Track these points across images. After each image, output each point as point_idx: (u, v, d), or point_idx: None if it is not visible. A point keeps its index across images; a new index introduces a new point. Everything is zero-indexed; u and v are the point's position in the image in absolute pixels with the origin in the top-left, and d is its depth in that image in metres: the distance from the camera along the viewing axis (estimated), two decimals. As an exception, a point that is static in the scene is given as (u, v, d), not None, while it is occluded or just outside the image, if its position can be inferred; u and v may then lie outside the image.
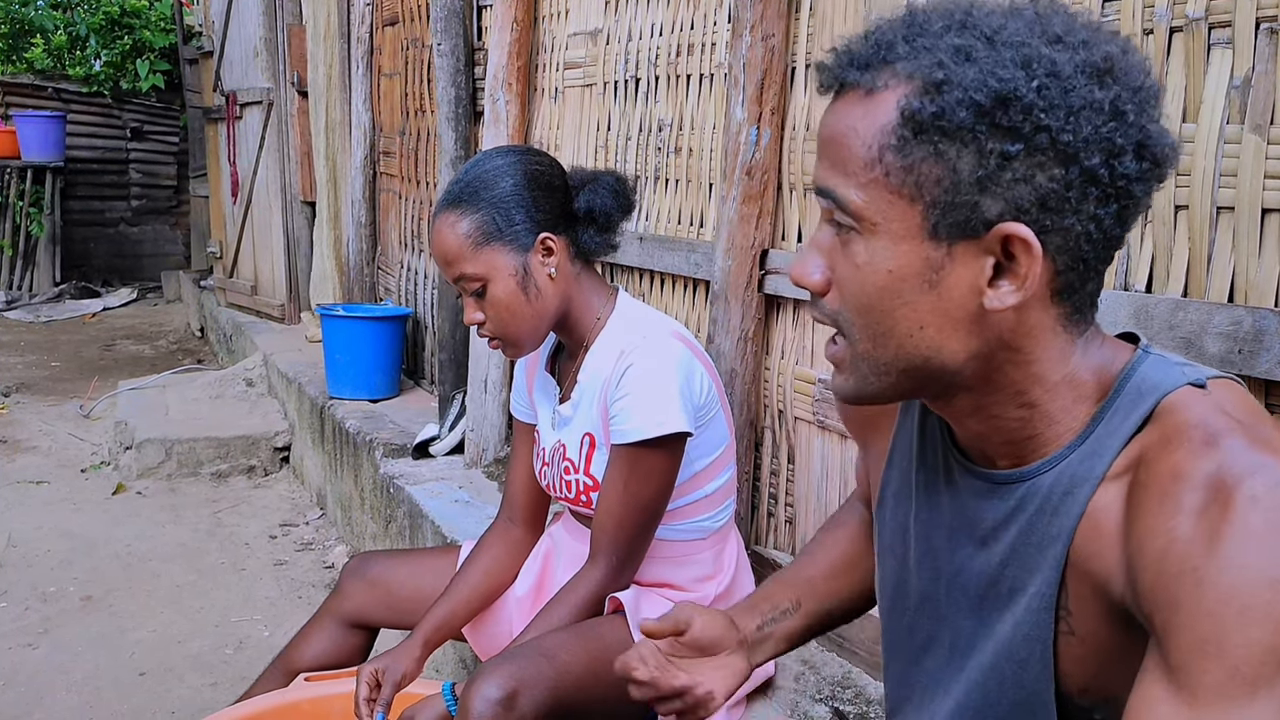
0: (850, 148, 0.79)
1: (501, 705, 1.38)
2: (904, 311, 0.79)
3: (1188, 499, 0.72)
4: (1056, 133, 0.74)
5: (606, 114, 2.66)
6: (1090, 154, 0.75)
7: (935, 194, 0.76)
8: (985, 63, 0.75)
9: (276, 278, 5.72)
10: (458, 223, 1.58)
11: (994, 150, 0.74)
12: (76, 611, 3.05)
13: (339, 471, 3.69)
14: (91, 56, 9.02)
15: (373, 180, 4.44)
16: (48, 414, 5.14)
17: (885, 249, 0.79)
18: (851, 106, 0.80)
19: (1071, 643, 0.81)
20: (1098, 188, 0.76)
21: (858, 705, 1.77)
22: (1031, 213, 0.76)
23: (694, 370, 1.61)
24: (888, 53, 0.78)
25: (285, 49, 5.34)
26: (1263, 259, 1.27)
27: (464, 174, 1.63)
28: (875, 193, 0.78)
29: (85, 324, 7.79)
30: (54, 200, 8.55)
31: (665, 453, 1.57)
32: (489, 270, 1.58)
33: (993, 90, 0.74)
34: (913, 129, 0.76)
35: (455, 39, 3.27)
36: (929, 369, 0.81)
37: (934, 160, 0.76)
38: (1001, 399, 0.83)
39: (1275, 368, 1.22)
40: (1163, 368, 0.81)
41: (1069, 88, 0.74)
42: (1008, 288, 0.78)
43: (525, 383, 1.83)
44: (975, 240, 0.77)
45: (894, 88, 0.77)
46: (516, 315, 1.61)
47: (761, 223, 2.06)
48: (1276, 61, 1.24)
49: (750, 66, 2.01)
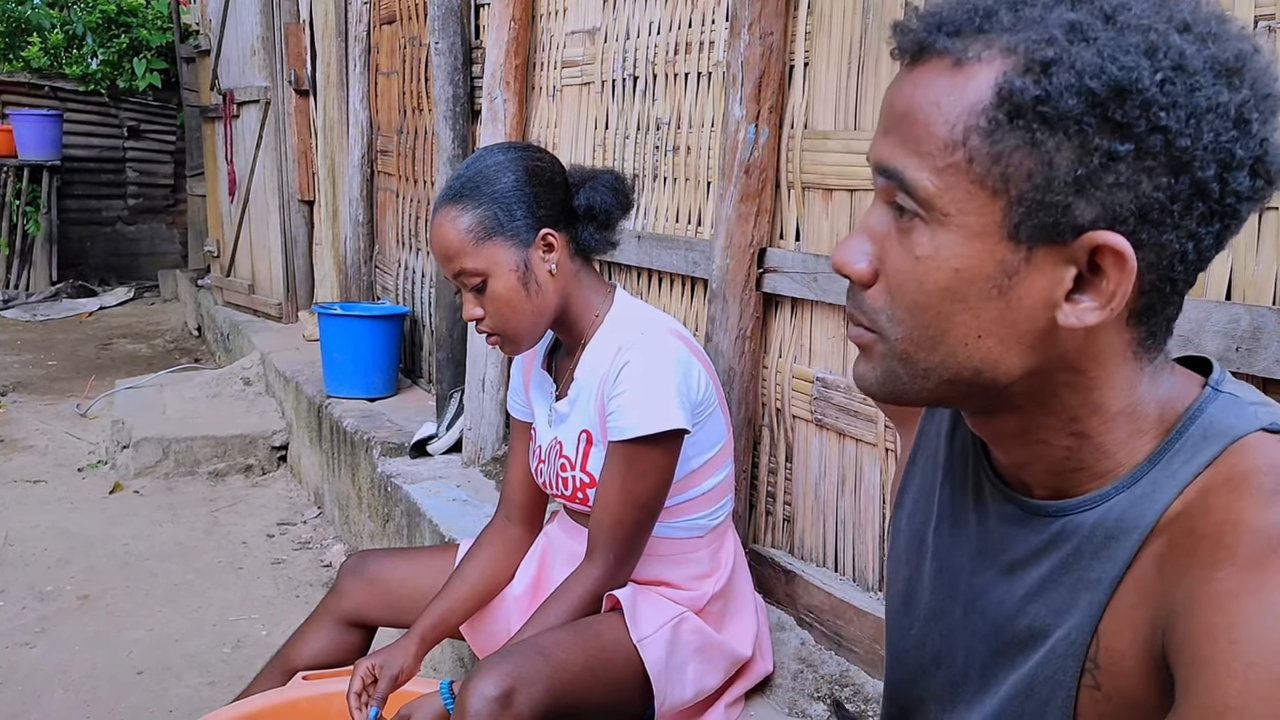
0: (928, 124, 0.69)
1: (498, 703, 1.38)
2: (964, 317, 0.70)
3: (1243, 549, 0.64)
4: (1174, 136, 0.65)
5: (604, 112, 2.66)
6: (1206, 164, 0.65)
7: (1024, 189, 0.67)
8: (1105, 45, 0.65)
9: (274, 277, 5.71)
10: (459, 217, 1.58)
11: (1100, 147, 0.65)
12: (73, 610, 3.04)
13: (337, 470, 3.68)
14: (88, 55, 9.00)
15: (370, 179, 4.44)
16: (45, 413, 5.13)
17: (954, 244, 0.69)
18: (935, 77, 0.69)
19: (1095, 699, 0.74)
20: (1205, 203, 0.67)
21: (855, 703, 1.77)
22: (1129, 223, 0.67)
23: (692, 367, 1.61)
24: (987, 21, 0.68)
25: (283, 48, 5.34)
26: (1260, 257, 1.27)
27: (465, 169, 1.63)
28: (953, 179, 0.68)
29: (82, 323, 7.78)
30: (50, 199, 8.54)
31: (663, 449, 1.57)
32: (490, 265, 1.58)
33: (1111, 78, 0.64)
34: (1009, 112, 0.66)
35: (453, 37, 3.27)
36: (977, 383, 0.73)
37: (1028, 150, 0.66)
38: (1052, 425, 0.75)
39: (1273, 366, 1.22)
40: (1235, 409, 0.72)
41: (1195, 85, 0.65)
42: (1089, 304, 0.69)
43: (522, 380, 1.83)
44: (1060, 247, 0.68)
45: (991, 62, 0.67)
46: (517, 311, 1.60)
47: (760, 221, 2.06)
48: (1275, 58, 1.24)
49: (748, 64, 2.01)
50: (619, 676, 1.53)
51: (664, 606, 1.64)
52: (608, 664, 1.52)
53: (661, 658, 1.56)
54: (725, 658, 1.68)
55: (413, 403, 3.83)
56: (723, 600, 1.72)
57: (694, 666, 1.62)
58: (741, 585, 1.77)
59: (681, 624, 1.62)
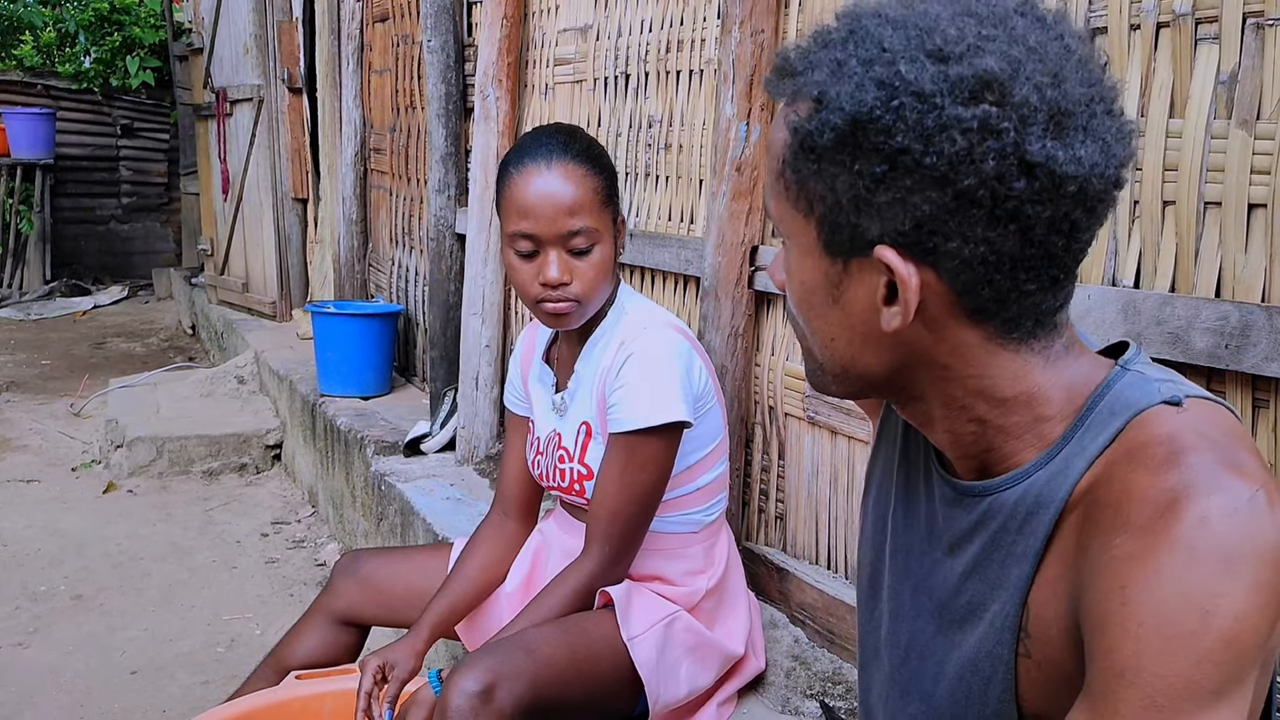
0: (770, 159, 0.80)
1: (479, 698, 1.37)
2: (818, 323, 0.81)
3: (1135, 516, 0.68)
4: (919, 155, 0.70)
5: (597, 110, 2.66)
6: (962, 176, 0.70)
7: (821, 211, 0.76)
8: (851, 82, 0.72)
9: (268, 275, 5.70)
10: (590, 176, 1.59)
11: (863, 171, 0.73)
12: (67, 610, 3.04)
13: (330, 469, 3.68)
14: (81, 53, 8.99)
15: (363, 177, 4.43)
16: (38, 412, 5.12)
17: (796, 260, 0.80)
18: (777, 117, 0.80)
19: (1029, 666, 0.78)
20: (980, 209, 0.71)
21: (848, 700, 1.78)
22: (910, 234, 0.73)
23: (693, 361, 1.63)
24: (791, 70, 0.78)
25: (275, 45, 5.33)
26: (1249, 254, 1.27)
27: (573, 135, 1.64)
28: (782, 205, 0.79)
29: (76, 322, 7.76)
30: (44, 198, 8.52)
31: (663, 442, 1.57)
32: (605, 229, 1.61)
33: (849, 114, 0.72)
34: (797, 147, 0.76)
35: (445, 35, 3.27)
36: (854, 377, 0.82)
37: (816, 179, 0.76)
38: (949, 413, 0.81)
39: (1262, 363, 1.23)
40: (1140, 385, 0.77)
41: (929, 108, 0.70)
42: (895, 309, 0.75)
43: (520, 373, 1.83)
44: (867, 259, 0.75)
45: (794, 103, 0.77)
46: (604, 278, 1.62)
47: (752, 219, 2.06)
48: (1263, 57, 1.25)
49: (740, 62, 2.01)
50: (605, 673, 1.53)
51: (656, 605, 1.64)
52: (594, 660, 1.52)
53: (653, 657, 1.56)
54: (718, 656, 1.68)
55: (406, 401, 3.83)
56: (716, 597, 1.72)
57: (687, 665, 1.62)
58: (734, 582, 1.77)
59: (674, 623, 1.62)
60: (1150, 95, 1.37)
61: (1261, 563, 0.65)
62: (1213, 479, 0.67)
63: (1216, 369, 1.28)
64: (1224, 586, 0.65)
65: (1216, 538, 0.65)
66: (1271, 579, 0.66)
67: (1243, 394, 1.28)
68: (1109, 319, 1.37)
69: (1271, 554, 0.66)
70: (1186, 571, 0.65)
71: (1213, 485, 0.67)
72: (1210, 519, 0.66)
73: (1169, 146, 1.34)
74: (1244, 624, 0.65)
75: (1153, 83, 1.36)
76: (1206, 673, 0.64)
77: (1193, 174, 1.31)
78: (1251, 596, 0.65)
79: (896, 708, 0.91)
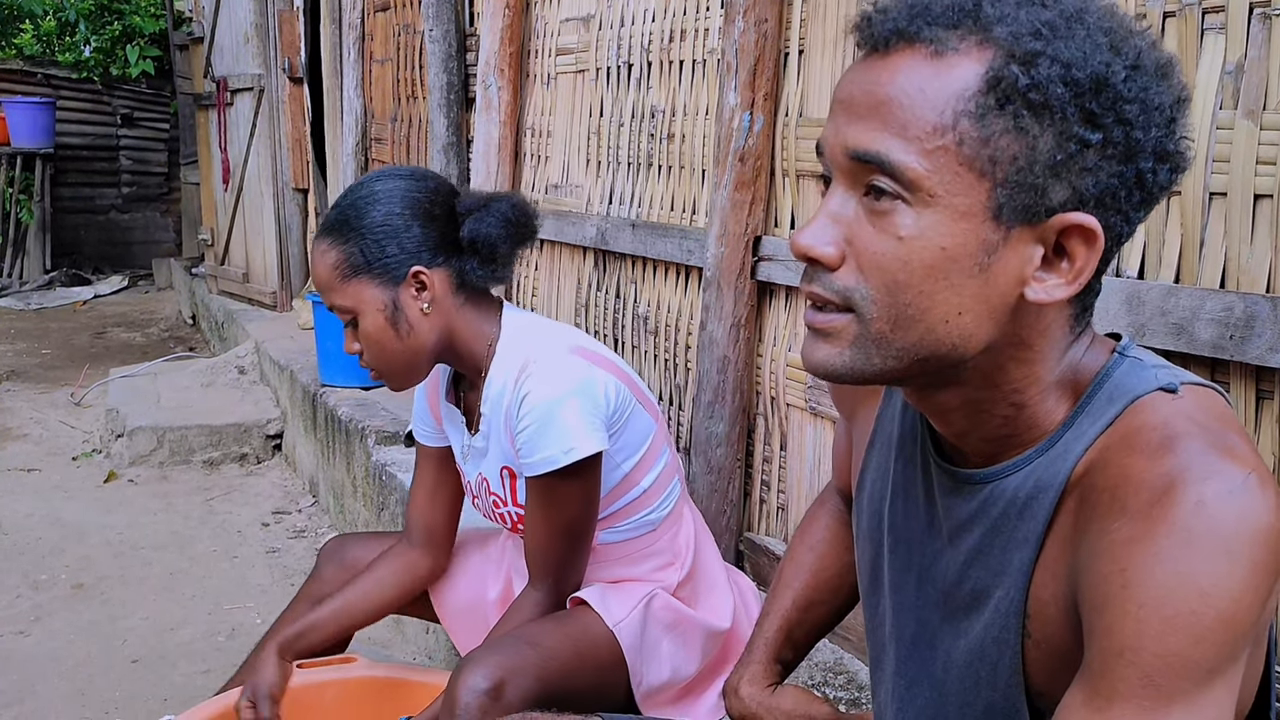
0: (915, 110, 0.72)
1: (488, 695, 1.37)
2: (946, 295, 0.73)
3: (1132, 501, 0.70)
4: (1132, 128, 0.71)
5: (599, 100, 2.65)
6: (1148, 156, 0.72)
7: (1008, 171, 0.71)
8: (1082, 41, 0.71)
9: (268, 265, 5.70)
10: (328, 252, 1.53)
11: (1076, 135, 0.71)
12: (68, 599, 3.04)
13: (331, 459, 3.68)
14: (81, 42, 8.96)
15: (364, 167, 4.43)
16: (38, 402, 5.12)
17: (941, 224, 0.72)
18: (916, 64, 0.72)
19: (1031, 648, 0.79)
20: (1141, 191, 0.74)
21: (850, 691, 1.78)
22: (1090, 206, 0.73)
23: (592, 383, 1.53)
24: (967, 15, 0.72)
25: (276, 35, 5.31)
26: (1254, 245, 1.26)
27: (341, 199, 1.57)
28: (942, 161, 0.72)
29: (76, 311, 7.76)
30: (44, 187, 8.51)
31: (580, 477, 1.51)
32: (356, 303, 1.52)
33: (1092, 70, 0.70)
34: (998, 98, 0.71)
35: (447, 25, 3.26)
36: (947, 359, 0.76)
37: (1014, 135, 0.71)
38: (995, 396, 0.79)
39: (1267, 354, 1.22)
40: (1137, 371, 0.78)
41: (1148, 84, 0.72)
42: (1055, 280, 0.74)
43: (428, 406, 1.77)
44: (1032, 227, 0.73)
45: (971, 52, 0.72)
46: (386, 350, 1.55)
47: (754, 209, 2.06)
48: (1269, 47, 1.24)
49: (743, 52, 2.00)
50: (604, 662, 1.53)
51: (632, 589, 1.62)
52: (593, 649, 1.51)
53: (636, 639, 1.55)
54: (701, 633, 1.65)
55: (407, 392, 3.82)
56: (691, 584, 1.68)
57: (668, 643, 1.60)
58: (709, 562, 1.72)
59: (652, 601, 1.61)
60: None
61: (1255, 544, 0.67)
62: (1207, 464, 0.69)
63: (1220, 360, 1.28)
64: (1221, 568, 0.67)
65: (1212, 521, 0.67)
66: (1265, 559, 0.67)
67: (1247, 385, 1.28)
68: (1113, 310, 1.37)
69: (1264, 535, 0.67)
70: (1184, 554, 0.67)
71: (1207, 470, 0.69)
72: (1206, 503, 0.67)
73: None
74: (1240, 604, 0.67)
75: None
76: (1204, 652, 0.66)
77: (1198, 165, 1.31)
78: (1247, 577, 0.67)
79: (905, 699, 0.91)
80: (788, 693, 1.15)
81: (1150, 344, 1.31)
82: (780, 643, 1.18)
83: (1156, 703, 0.67)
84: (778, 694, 1.15)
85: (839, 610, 1.21)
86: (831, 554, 1.20)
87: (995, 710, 0.82)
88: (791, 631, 1.19)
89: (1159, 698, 0.67)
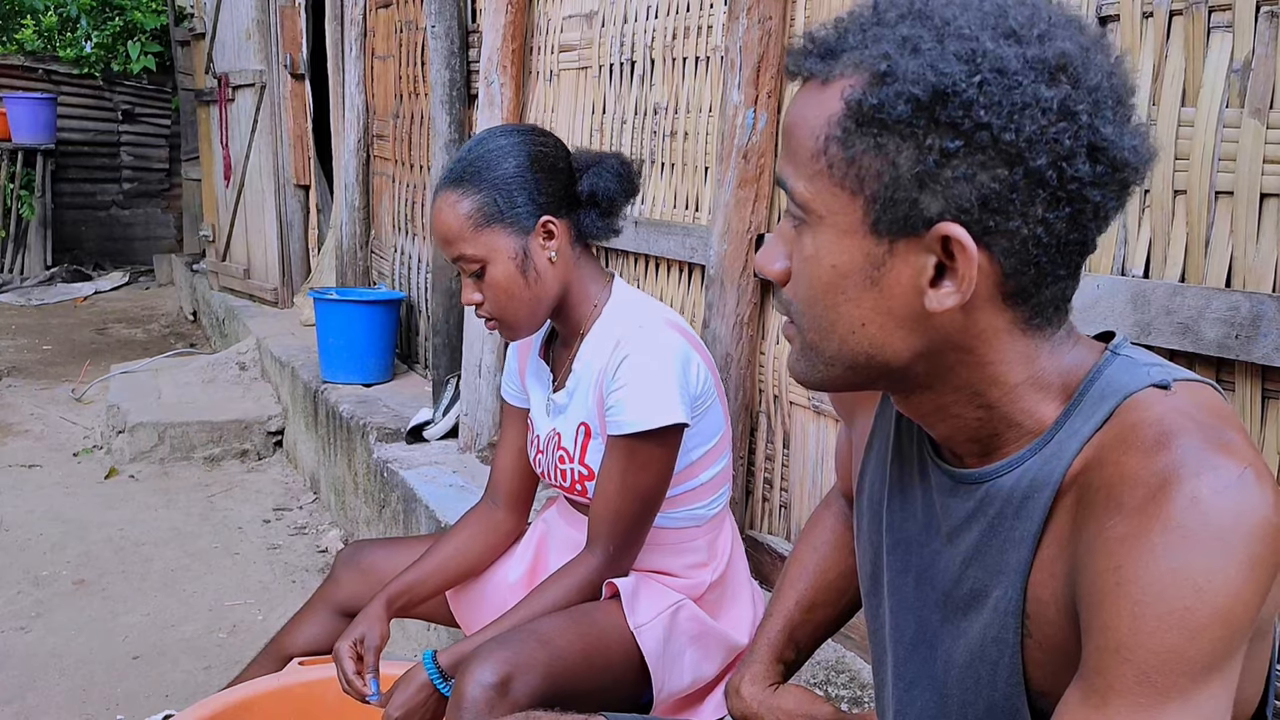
0: (801, 138, 0.78)
1: (495, 690, 1.37)
2: (846, 308, 0.78)
3: (1128, 498, 0.70)
4: (998, 131, 0.71)
5: (602, 97, 2.65)
6: (1035, 155, 0.72)
7: (876, 188, 0.75)
8: (929, 55, 0.72)
9: (269, 261, 5.69)
10: (459, 202, 1.57)
11: (933, 146, 0.72)
12: (69, 595, 3.04)
13: (332, 456, 3.68)
14: (82, 38, 8.95)
15: (366, 163, 4.42)
16: (39, 397, 5.12)
17: (830, 242, 0.77)
18: (808, 95, 0.78)
19: (1031, 647, 0.79)
20: (1045, 190, 0.73)
21: (851, 689, 1.78)
22: (973, 213, 0.73)
23: (690, 360, 1.60)
24: (843, 43, 0.77)
25: (278, 31, 5.31)
26: (1260, 244, 1.26)
27: (466, 152, 1.61)
28: (820, 184, 0.77)
29: (77, 307, 7.76)
30: (45, 183, 8.51)
31: (663, 443, 1.56)
32: (489, 252, 1.57)
33: (930, 84, 0.72)
34: (855, 120, 0.74)
35: (449, 21, 3.25)
36: (873, 366, 0.79)
37: (875, 154, 0.74)
38: (959, 399, 0.81)
39: (1273, 353, 1.22)
40: (1129, 369, 0.78)
41: (1013, 85, 0.71)
42: (948, 288, 0.75)
43: (518, 366, 1.82)
44: (917, 238, 0.75)
45: (844, 78, 0.76)
46: (515, 298, 1.59)
47: (758, 207, 2.05)
48: (1276, 45, 1.24)
49: (747, 49, 2.00)
50: (615, 663, 1.53)
51: (662, 594, 1.63)
52: (604, 651, 1.52)
53: (659, 645, 1.56)
54: (722, 645, 1.67)
55: (409, 388, 3.83)
56: (720, 589, 1.71)
57: (691, 654, 1.62)
58: (739, 573, 1.77)
59: (679, 611, 1.62)
60: (1162, 83, 1.36)
61: (1251, 539, 0.67)
62: (1202, 459, 0.69)
63: (1226, 359, 1.28)
64: (1216, 563, 0.67)
65: (1207, 516, 0.67)
66: (1261, 554, 0.67)
67: (1253, 385, 1.28)
68: (1118, 308, 1.37)
69: (1261, 530, 0.67)
70: (1180, 550, 0.67)
71: (1202, 465, 0.69)
72: (1201, 498, 0.67)
73: (1180, 135, 1.34)
74: (1236, 599, 0.67)
75: (1165, 71, 1.36)
76: (1200, 647, 0.66)
77: (1204, 163, 1.31)
78: (1243, 572, 0.67)
79: (905, 700, 0.91)
80: (789, 692, 1.15)
81: (1156, 343, 1.31)
82: (782, 643, 1.18)
83: (1153, 700, 0.67)
84: (779, 693, 1.15)
85: (843, 612, 1.21)
86: (835, 556, 1.20)
87: (996, 710, 0.82)
88: (794, 632, 1.19)
89: (1155, 695, 0.67)
